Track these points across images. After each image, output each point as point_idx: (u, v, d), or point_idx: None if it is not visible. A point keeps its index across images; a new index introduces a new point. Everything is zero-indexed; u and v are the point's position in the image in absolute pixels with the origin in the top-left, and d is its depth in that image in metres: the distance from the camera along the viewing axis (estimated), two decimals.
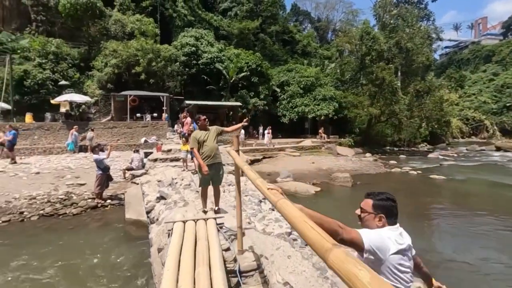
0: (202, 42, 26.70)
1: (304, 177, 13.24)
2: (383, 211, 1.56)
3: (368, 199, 1.63)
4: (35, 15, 27.06)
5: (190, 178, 7.45)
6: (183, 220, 3.30)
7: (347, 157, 22.35)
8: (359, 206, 1.67)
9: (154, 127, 18.05)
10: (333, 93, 28.68)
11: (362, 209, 1.64)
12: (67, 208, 7.24)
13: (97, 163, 7.60)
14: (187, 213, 4.10)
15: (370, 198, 1.63)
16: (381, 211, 1.56)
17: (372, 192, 1.66)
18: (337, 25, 67.20)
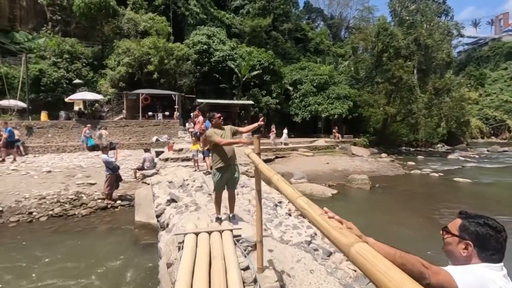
0: (214, 40, 26.45)
1: (319, 179, 12.73)
2: (473, 238, 1.11)
3: (458, 218, 1.19)
4: (51, 15, 27.47)
5: (202, 180, 7.11)
6: (195, 232, 2.93)
7: (363, 157, 21.62)
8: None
9: (166, 125, 17.90)
10: (348, 92, 27.89)
11: (447, 229, 1.20)
12: (77, 209, 7.03)
13: (106, 163, 7.36)
14: (199, 221, 3.74)
15: (460, 218, 1.18)
16: (470, 237, 1.12)
17: (466, 211, 1.21)
18: (350, 22, 65.88)
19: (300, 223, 5.55)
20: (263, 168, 2.06)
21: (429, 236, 6.67)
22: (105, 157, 7.36)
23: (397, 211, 8.42)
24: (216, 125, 3.97)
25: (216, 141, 3.76)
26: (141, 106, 21.15)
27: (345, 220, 1.04)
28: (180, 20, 29.08)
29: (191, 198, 5.64)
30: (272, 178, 1.71)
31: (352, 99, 27.89)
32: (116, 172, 7.68)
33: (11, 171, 9.31)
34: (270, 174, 1.77)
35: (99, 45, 27.04)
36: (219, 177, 3.85)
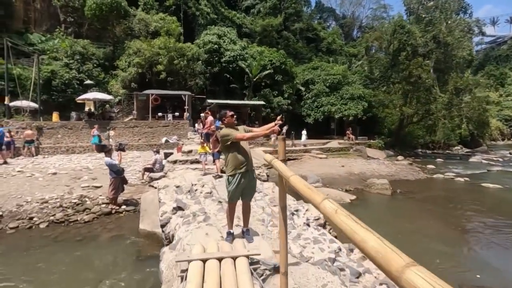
0: (225, 40, 26.05)
1: (335, 183, 12.03)
2: None
3: None
4: (64, 16, 27.75)
5: (211, 184, 6.58)
6: (202, 259, 2.37)
7: (379, 160, 20.71)
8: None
9: (175, 126, 17.55)
10: (362, 92, 26.96)
11: None
12: (79, 214, 6.62)
13: (109, 166, 6.93)
14: (207, 238, 3.19)
15: None
16: None
17: None
18: (363, 21, 64.69)
19: (321, 235, 4.93)
20: (298, 184, 1.48)
21: (466, 252, 5.93)
22: (109, 160, 6.93)
23: (423, 220, 7.66)
24: (229, 125, 3.43)
25: (238, 138, 3.23)
26: (151, 106, 20.92)
27: None
28: (190, 20, 28.87)
29: (199, 206, 5.11)
30: (311, 197, 1.15)
31: (367, 99, 26.95)
32: (120, 175, 7.24)
33: (17, 173, 9.04)
34: (314, 196, 1.19)
35: (110, 46, 27.09)
36: (234, 186, 3.28)
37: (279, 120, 3.25)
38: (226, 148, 3.34)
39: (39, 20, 27.70)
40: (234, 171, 3.28)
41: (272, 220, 5.24)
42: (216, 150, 8.11)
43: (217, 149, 8.12)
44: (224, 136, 3.31)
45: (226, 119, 3.42)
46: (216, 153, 8.17)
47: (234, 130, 3.34)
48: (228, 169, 3.33)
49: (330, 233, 5.82)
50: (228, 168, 3.34)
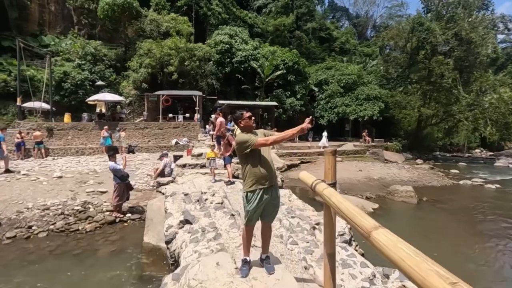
0: (237, 40, 25.57)
1: (353, 189, 11.25)
2: None
3: None
4: (77, 18, 27.97)
5: (223, 193, 5.98)
6: None
7: (397, 164, 19.70)
8: None
9: (186, 128, 17.13)
10: (378, 92, 25.93)
11: None
12: (81, 223, 6.15)
13: (113, 171, 6.44)
14: (218, 270, 2.57)
15: None
16: None
17: None
18: (377, 21, 63.28)
19: (350, 257, 4.24)
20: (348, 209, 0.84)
21: None
22: (113, 164, 6.44)
23: (459, 235, 6.83)
24: (246, 129, 2.81)
25: (259, 143, 2.62)
26: (162, 107, 20.63)
27: None
28: (202, 20, 28.56)
29: (209, 219, 4.51)
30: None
31: (383, 100, 25.90)
32: (125, 181, 6.74)
33: (22, 176, 8.72)
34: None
35: (122, 47, 27.08)
36: (255, 204, 2.64)
37: (309, 122, 2.61)
38: (244, 158, 2.72)
39: (53, 22, 27.98)
40: (254, 186, 2.65)
41: (291, 236, 4.60)
42: (227, 153, 7.53)
43: (229, 153, 7.55)
44: (241, 143, 2.67)
45: (243, 121, 2.81)
46: (227, 157, 7.59)
47: (252, 135, 2.72)
48: (247, 184, 2.71)
49: (357, 250, 5.14)
50: (246, 182, 2.72)
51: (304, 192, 10.51)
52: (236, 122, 2.89)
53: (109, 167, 6.50)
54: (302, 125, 2.55)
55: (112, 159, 6.61)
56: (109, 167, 6.50)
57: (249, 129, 2.80)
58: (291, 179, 13.36)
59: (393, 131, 29.06)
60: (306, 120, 2.65)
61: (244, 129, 2.81)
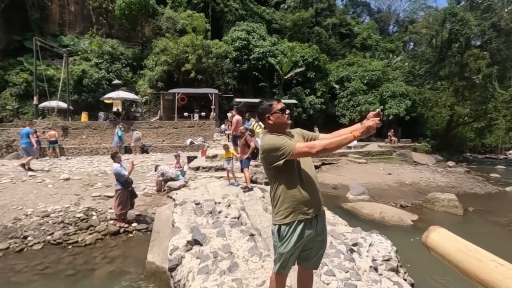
0: (254, 36, 24.70)
1: (384, 195, 10.08)
2: None
3: None
4: (96, 18, 28.14)
5: (239, 204, 5.10)
6: None
7: (428, 166, 18.15)
8: None
9: (201, 127, 16.46)
10: (405, 89, 24.20)
11: None
12: (81, 234, 5.49)
13: (116, 175, 5.73)
14: None
15: None
16: None
17: None
18: (400, 15, 60.63)
19: None
20: None
21: None
22: (117, 167, 5.73)
23: None
24: (277, 127, 1.90)
25: (300, 151, 1.71)
26: (178, 106, 20.13)
27: None
28: (218, 17, 27.90)
29: (223, 239, 3.64)
30: None
31: (410, 97, 24.16)
32: (128, 187, 6.01)
33: (28, 178, 8.26)
34: None
35: (139, 46, 26.94)
36: (291, 243, 1.75)
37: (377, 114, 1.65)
38: (275, 173, 1.81)
39: (73, 22, 28.30)
40: (292, 216, 1.76)
41: (325, 262, 3.62)
42: (245, 156, 6.66)
43: (247, 155, 6.67)
44: (270, 150, 1.76)
45: (272, 116, 1.90)
46: (245, 159, 6.71)
47: (287, 138, 1.82)
48: (280, 213, 1.80)
49: (406, 279, 4.12)
50: (279, 210, 1.81)
51: (328, 197, 9.46)
52: (261, 117, 1.97)
53: (113, 170, 5.80)
54: (368, 123, 1.60)
55: (118, 161, 5.92)
56: (113, 169, 5.80)
57: (282, 129, 1.89)
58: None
59: (419, 131, 27.14)
60: (369, 115, 1.70)
61: (274, 128, 1.90)
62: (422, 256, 5.59)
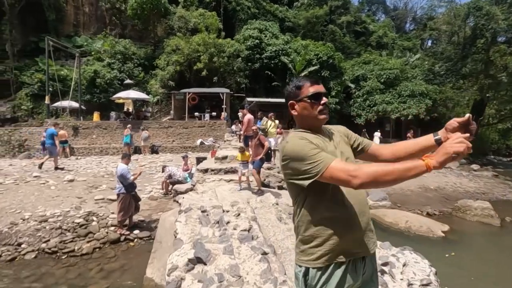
0: (266, 35, 24.14)
1: (408, 201, 9.28)
2: None
3: None
4: (110, 18, 28.33)
5: (250, 213, 4.53)
6: None
7: (451, 169, 17.01)
8: None
9: (212, 127, 16.02)
10: (425, 88, 23.00)
11: None
12: (79, 241, 5.07)
13: (120, 177, 5.30)
14: None
15: None
16: None
17: None
18: (417, 13, 58.76)
19: None
20: None
21: None
22: (124, 169, 5.31)
23: None
24: (307, 122, 1.31)
25: (331, 175, 1.09)
26: (189, 106, 19.81)
27: None
28: (231, 16, 27.51)
29: (230, 258, 3.08)
30: None
31: (430, 96, 22.93)
32: (131, 191, 5.56)
33: (33, 179, 7.98)
34: None
35: (151, 46, 26.89)
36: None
37: (465, 125, 1.04)
38: (299, 188, 1.21)
39: (87, 23, 28.60)
40: (327, 258, 1.16)
41: None
42: (258, 157, 6.06)
43: (260, 156, 6.08)
44: (292, 157, 1.17)
45: (299, 104, 1.32)
46: (257, 161, 6.13)
47: (322, 141, 1.24)
48: (308, 251, 1.20)
49: None
50: (306, 245, 1.21)
51: None
52: (291, 102, 1.38)
53: (118, 170, 5.36)
54: (454, 147, 0.96)
55: (125, 162, 5.50)
56: (118, 170, 5.36)
57: (313, 125, 1.30)
58: None
59: None
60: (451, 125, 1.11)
61: (303, 122, 1.32)
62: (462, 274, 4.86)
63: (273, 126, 8.37)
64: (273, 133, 8.28)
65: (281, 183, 7.71)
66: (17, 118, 21.38)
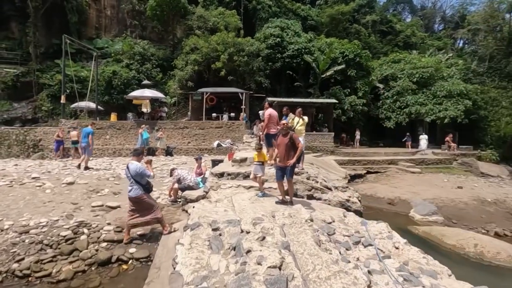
0: (288, 33, 22.95)
1: (464, 217, 7.63)
2: None
3: None
4: (130, 20, 28.33)
5: (280, 234, 3.26)
6: None
7: (500, 178, 14.89)
8: None
9: (230, 128, 14.94)
10: (464, 88, 20.79)
11: None
12: (60, 261, 4.04)
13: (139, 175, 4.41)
14: None
15: None
16: None
17: None
18: (447, 12, 55.56)
19: None
20: None
21: None
22: (140, 165, 4.39)
23: None
24: None
25: None
26: (207, 107, 18.93)
27: None
28: (251, 15, 26.61)
29: None
30: None
31: (470, 97, 20.69)
32: (151, 190, 4.65)
33: (30, 180, 7.16)
34: None
35: (170, 47, 26.49)
36: None
37: None
38: None
39: (109, 26, 28.74)
40: None
41: None
42: (292, 161, 4.67)
43: (293, 160, 4.73)
44: None
45: None
46: (289, 168, 4.74)
47: None
48: None
49: None
50: None
51: (387, 216, 7.28)
52: None
53: (134, 169, 4.39)
54: None
55: (137, 159, 4.53)
56: (134, 168, 4.38)
57: None
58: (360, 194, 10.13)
59: (477, 137, 23.15)
60: None
61: None
62: None
63: (301, 123, 7.06)
64: (301, 131, 6.99)
65: (311, 191, 6.39)
66: (38, 119, 21.45)
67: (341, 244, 3.79)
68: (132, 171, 4.40)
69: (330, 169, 12.18)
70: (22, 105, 21.87)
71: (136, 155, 4.66)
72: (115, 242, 4.53)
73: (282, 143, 4.75)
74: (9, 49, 23.87)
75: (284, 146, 4.71)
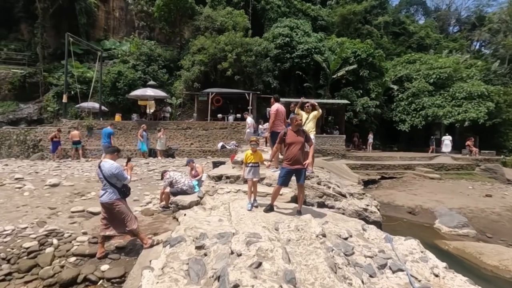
0: (298, 32, 22.18)
1: (500, 230, 6.62)
2: None
3: None
4: (138, 22, 28.17)
5: (283, 259, 2.42)
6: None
7: None
8: None
9: (235, 128, 14.21)
10: (485, 89, 19.53)
11: None
12: (13, 280, 3.33)
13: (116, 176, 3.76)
14: None
15: None
16: None
17: None
18: (462, 14, 53.90)
19: None
20: None
21: None
22: (117, 165, 3.75)
23: None
24: None
25: None
26: (212, 109, 18.28)
27: None
28: (259, 15, 26.00)
29: None
30: None
31: (492, 99, 19.39)
32: (128, 194, 3.92)
33: (12, 182, 6.55)
34: None
35: (178, 48, 26.12)
36: None
37: None
38: None
39: (117, 27, 28.67)
40: None
41: None
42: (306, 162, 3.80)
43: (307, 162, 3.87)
44: None
45: None
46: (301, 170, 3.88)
47: None
48: None
49: None
50: None
51: (408, 227, 6.35)
52: None
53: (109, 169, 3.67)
54: None
55: (112, 157, 3.83)
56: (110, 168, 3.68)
57: None
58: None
59: (496, 141, 21.67)
60: None
61: None
62: None
63: (312, 119, 6.22)
64: (311, 130, 6.13)
65: (322, 198, 5.53)
66: (43, 119, 21.27)
67: (363, 269, 2.93)
68: (106, 171, 3.68)
69: (342, 173, 11.26)
70: (28, 105, 21.76)
71: (111, 152, 3.95)
72: (86, 257, 3.79)
73: (297, 142, 3.89)
74: (18, 50, 23.95)
75: (300, 144, 3.86)
